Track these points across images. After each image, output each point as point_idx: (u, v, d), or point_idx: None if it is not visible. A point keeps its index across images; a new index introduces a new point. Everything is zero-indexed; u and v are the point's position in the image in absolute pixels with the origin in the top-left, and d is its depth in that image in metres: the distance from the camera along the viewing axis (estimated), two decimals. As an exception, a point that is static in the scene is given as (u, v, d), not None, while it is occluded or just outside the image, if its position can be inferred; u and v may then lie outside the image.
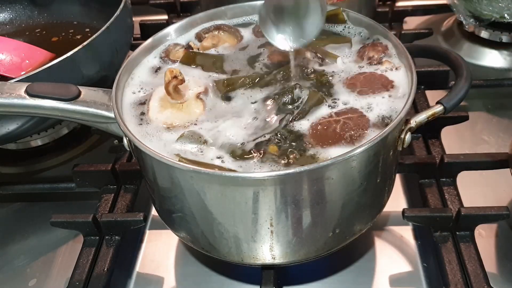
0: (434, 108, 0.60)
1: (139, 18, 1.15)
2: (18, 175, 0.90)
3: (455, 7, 1.03)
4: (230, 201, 0.54)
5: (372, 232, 0.72)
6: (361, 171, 0.55)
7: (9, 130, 0.75)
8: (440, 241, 0.67)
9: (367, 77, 0.64)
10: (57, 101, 0.59)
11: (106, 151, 0.86)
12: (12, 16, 1.08)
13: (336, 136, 0.57)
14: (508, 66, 1.00)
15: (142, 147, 0.54)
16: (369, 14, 0.93)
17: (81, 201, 0.82)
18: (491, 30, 1.02)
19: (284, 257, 0.60)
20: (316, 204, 0.55)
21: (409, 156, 0.77)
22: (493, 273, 0.66)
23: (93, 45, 0.75)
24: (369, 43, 0.69)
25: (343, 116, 0.59)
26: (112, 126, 0.62)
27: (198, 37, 0.75)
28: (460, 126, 0.82)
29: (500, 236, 0.71)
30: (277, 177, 0.52)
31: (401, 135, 0.59)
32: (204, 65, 0.70)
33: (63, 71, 0.73)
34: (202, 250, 0.63)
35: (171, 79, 0.60)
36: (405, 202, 0.77)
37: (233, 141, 0.58)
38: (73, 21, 1.04)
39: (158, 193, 0.62)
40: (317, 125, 0.59)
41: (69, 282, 0.66)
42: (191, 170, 0.53)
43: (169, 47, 0.73)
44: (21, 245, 0.77)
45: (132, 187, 0.79)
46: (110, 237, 0.72)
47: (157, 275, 0.71)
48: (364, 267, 0.69)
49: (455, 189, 0.73)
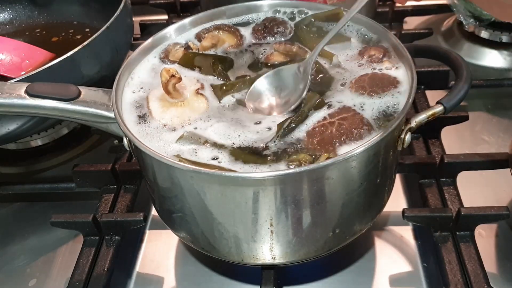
0: (434, 108, 0.60)
1: (139, 18, 1.15)
2: (18, 175, 0.90)
3: (455, 7, 1.03)
4: (230, 201, 0.54)
5: (372, 232, 0.72)
6: (361, 171, 0.55)
7: (9, 130, 0.75)
8: (440, 241, 0.67)
9: (371, 77, 0.64)
10: (57, 101, 0.59)
11: (106, 151, 0.86)
12: (12, 16, 1.08)
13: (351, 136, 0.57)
14: (508, 66, 1.00)
15: (142, 147, 0.54)
16: (369, 14, 0.93)
17: (81, 201, 0.82)
18: (491, 30, 1.02)
19: (284, 257, 0.60)
20: (316, 204, 0.55)
21: (409, 156, 0.77)
22: (493, 273, 0.66)
23: (93, 45, 0.75)
24: (370, 45, 0.69)
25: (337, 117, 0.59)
26: (112, 126, 0.62)
27: (198, 37, 0.75)
28: (460, 126, 0.82)
29: (500, 236, 0.71)
30: (277, 177, 0.52)
31: (401, 135, 0.59)
32: (202, 66, 0.69)
33: (63, 71, 0.73)
34: (202, 250, 0.63)
35: (169, 78, 0.61)
36: (405, 202, 0.77)
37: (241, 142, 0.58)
38: (73, 21, 1.04)
39: (158, 193, 0.62)
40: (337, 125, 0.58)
41: (69, 282, 0.66)
42: (191, 170, 0.53)
43: (169, 47, 0.73)
44: (21, 245, 0.77)
45: (132, 187, 0.79)
46: (110, 237, 0.72)
47: (157, 275, 0.71)
48: (364, 267, 0.69)
49: (455, 189, 0.73)
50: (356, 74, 0.65)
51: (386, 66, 0.65)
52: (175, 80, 0.61)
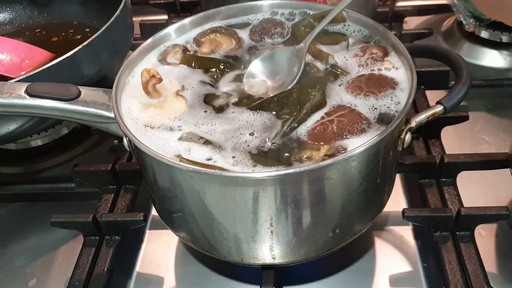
0: (434, 108, 0.60)
1: (139, 18, 1.15)
2: (18, 175, 0.90)
3: (455, 7, 1.03)
4: (230, 201, 0.54)
5: (372, 232, 0.72)
6: (361, 171, 0.55)
7: (9, 130, 0.75)
8: (440, 241, 0.67)
9: (369, 78, 0.64)
10: (57, 101, 0.59)
11: (106, 151, 0.86)
12: (12, 16, 1.08)
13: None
14: (508, 66, 1.00)
15: (142, 147, 0.54)
16: (369, 14, 0.93)
17: (81, 201, 0.82)
18: (491, 30, 1.02)
19: (284, 257, 0.60)
20: (316, 204, 0.55)
21: (409, 156, 0.77)
22: (493, 273, 0.66)
23: (93, 45, 0.75)
24: (370, 45, 0.69)
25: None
26: (112, 126, 0.62)
27: (196, 41, 0.74)
28: (460, 126, 0.82)
29: (500, 236, 0.71)
30: (277, 177, 0.52)
31: (401, 135, 0.59)
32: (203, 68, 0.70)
33: (63, 71, 0.73)
34: (202, 250, 0.63)
35: (149, 78, 0.61)
36: (405, 202, 0.77)
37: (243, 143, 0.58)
38: (73, 21, 1.04)
39: (158, 193, 0.62)
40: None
41: (69, 282, 0.66)
42: (191, 170, 0.53)
43: (167, 49, 0.72)
44: (21, 245, 0.77)
45: (132, 187, 0.79)
46: (110, 237, 0.72)
47: (157, 275, 0.71)
48: (364, 267, 0.69)
49: (455, 189, 0.73)
50: (354, 75, 0.65)
51: (386, 66, 0.65)
52: (155, 80, 0.62)
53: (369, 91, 0.62)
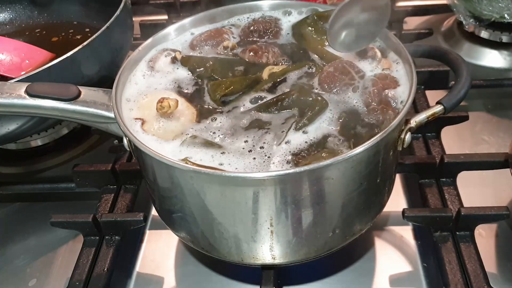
0: (434, 108, 0.60)
1: (139, 18, 1.15)
2: (18, 175, 0.90)
3: (455, 7, 1.03)
4: (230, 201, 0.54)
5: (372, 232, 0.72)
6: (361, 171, 0.55)
7: (9, 130, 0.75)
8: (440, 241, 0.67)
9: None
10: (57, 101, 0.59)
11: (106, 151, 0.86)
12: (12, 16, 1.08)
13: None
14: (508, 66, 1.00)
15: (142, 147, 0.54)
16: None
17: (81, 201, 0.82)
18: (491, 30, 1.02)
19: (284, 257, 0.60)
20: (316, 204, 0.55)
21: (409, 156, 0.77)
22: (493, 273, 0.66)
23: (93, 45, 0.75)
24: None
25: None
26: (112, 126, 0.62)
27: (192, 47, 0.73)
28: (460, 126, 0.82)
29: (500, 236, 0.71)
30: (277, 177, 0.52)
31: (401, 135, 0.59)
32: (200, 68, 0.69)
33: (63, 71, 0.73)
34: (202, 250, 0.63)
35: (163, 108, 0.60)
36: (405, 202, 0.77)
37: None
38: (73, 21, 1.04)
39: (158, 193, 0.62)
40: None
41: (69, 282, 0.66)
42: (191, 170, 0.53)
43: (157, 54, 0.71)
44: (21, 245, 0.77)
45: (132, 187, 0.79)
46: (110, 237, 0.72)
47: (157, 275, 0.71)
48: (364, 267, 0.69)
49: (455, 189, 0.73)
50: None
51: (385, 67, 0.65)
52: (170, 110, 0.60)
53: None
